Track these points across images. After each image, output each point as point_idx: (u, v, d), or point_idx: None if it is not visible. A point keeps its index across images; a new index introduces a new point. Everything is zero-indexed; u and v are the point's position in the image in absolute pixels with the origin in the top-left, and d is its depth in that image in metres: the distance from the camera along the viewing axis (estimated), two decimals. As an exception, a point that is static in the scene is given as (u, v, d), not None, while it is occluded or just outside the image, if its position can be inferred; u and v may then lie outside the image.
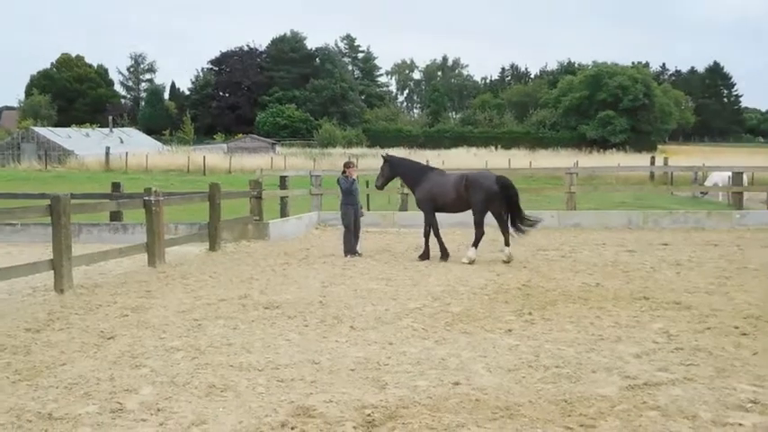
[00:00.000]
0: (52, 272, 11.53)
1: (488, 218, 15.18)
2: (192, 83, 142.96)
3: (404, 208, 23.94)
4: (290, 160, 69.27)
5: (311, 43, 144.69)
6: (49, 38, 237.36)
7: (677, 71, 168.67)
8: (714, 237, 19.08)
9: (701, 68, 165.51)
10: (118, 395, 6.52)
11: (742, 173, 26.33)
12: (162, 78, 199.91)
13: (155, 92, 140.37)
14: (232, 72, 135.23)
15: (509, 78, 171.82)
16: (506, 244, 15.06)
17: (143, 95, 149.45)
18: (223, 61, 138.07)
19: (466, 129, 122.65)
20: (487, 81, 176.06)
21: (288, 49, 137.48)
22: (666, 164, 50.79)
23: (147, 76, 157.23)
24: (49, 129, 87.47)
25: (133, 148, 77.14)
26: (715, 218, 22.13)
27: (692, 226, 21.50)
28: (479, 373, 7.09)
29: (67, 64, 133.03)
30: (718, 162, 55.59)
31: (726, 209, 25.22)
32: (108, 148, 69.62)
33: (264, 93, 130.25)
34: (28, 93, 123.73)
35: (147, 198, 14.55)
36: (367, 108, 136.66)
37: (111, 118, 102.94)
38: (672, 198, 35.77)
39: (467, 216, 15.91)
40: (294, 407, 6.19)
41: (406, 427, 5.73)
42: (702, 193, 36.12)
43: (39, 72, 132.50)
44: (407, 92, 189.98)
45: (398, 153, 79.76)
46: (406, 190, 24.12)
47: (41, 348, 8.11)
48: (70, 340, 8.47)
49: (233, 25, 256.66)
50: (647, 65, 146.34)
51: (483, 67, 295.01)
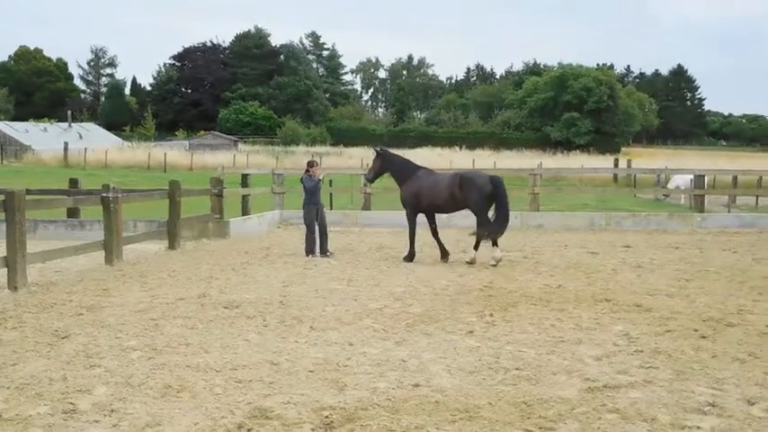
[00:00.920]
0: (5, 269, 11.28)
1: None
2: (154, 78, 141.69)
3: (366, 207, 23.86)
4: (253, 158, 68.88)
5: (275, 40, 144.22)
6: (7, 30, 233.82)
7: (641, 73, 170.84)
8: (675, 239, 19.25)
9: (664, 71, 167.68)
10: (71, 396, 6.38)
11: (704, 176, 26.63)
12: (123, 73, 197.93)
13: (115, 87, 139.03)
14: (195, 68, 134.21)
15: (474, 78, 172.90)
16: (475, 248, 14.88)
17: (103, 90, 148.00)
18: (186, 57, 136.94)
19: (431, 128, 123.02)
20: (453, 81, 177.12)
21: (252, 46, 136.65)
22: (630, 166, 51.29)
23: (108, 70, 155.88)
24: (6, 123, 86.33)
25: (93, 143, 76.29)
26: (677, 220, 22.37)
27: (653, 228, 21.70)
28: (439, 375, 7.04)
29: (26, 57, 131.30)
30: (681, 164, 56.39)
31: (688, 211, 25.48)
32: (66, 143, 68.72)
33: (227, 89, 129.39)
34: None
35: (105, 195, 14.31)
36: (331, 106, 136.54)
37: (70, 112, 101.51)
38: (635, 200, 36.09)
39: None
40: (251, 408, 6.08)
41: (364, 429, 5.66)
42: (665, 196, 36.50)
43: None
44: (372, 90, 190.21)
45: (362, 152, 79.72)
46: (369, 189, 24.11)
47: (-7, 347, 7.91)
48: (23, 339, 8.27)
49: (196, 20, 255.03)
50: (611, 67, 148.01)
51: (448, 66, 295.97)
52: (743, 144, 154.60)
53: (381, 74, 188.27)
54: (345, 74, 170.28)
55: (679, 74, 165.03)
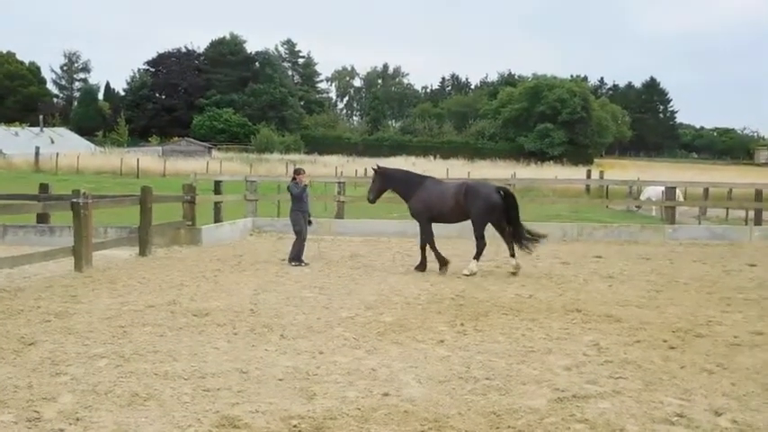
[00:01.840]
0: (-27, 274, 11.14)
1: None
2: (128, 83, 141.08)
3: (340, 215, 23.81)
4: (227, 165, 68.68)
5: (251, 47, 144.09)
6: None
7: (615, 85, 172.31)
8: (646, 250, 19.39)
9: (638, 84, 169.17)
10: (36, 403, 6.28)
11: (675, 188, 26.82)
12: (96, 78, 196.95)
13: (88, 91, 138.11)
14: (169, 74, 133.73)
15: (449, 88, 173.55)
16: (511, 255, 14.86)
17: (76, 95, 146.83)
18: (160, 62, 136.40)
19: (405, 137, 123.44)
20: (428, 90, 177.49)
21: (227, 52, 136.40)
22: (602, 177, 51.62)
23: (81, 75, 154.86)
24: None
25: (65, 148, 75.73)
26: (648, 232, 22.53)
27: (625, 239, 21.85)
28: (409, 385, 7.01)
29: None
30: (653, 176, 56.85)
31: (659, 223, 25.66)
32: (38, 147, 68.18)
33: (202, 95, 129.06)
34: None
35: (75, 200, 14.17)
36: (306, 114, 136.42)
37: (42, 117, 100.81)
38: (607, 211, 36.30)
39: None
40: (219, 417, 6.03)
41: (332, 440, 5.63)
42: (637, 207, 36.75)
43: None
44: (347, 99, 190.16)
45: (337, 160, 79.64)
46: (342, 197, 24.09)
47: (-43, 354, 7.79)
48: (-12, 346, 8.15)
49: (171, 26, 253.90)
50: (585, 78, 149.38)
51: (423, 76, 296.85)
52: (714, 157, 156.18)
53: (357, 82, 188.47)
54: (321, 82, 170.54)
55: (652, 86, 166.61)
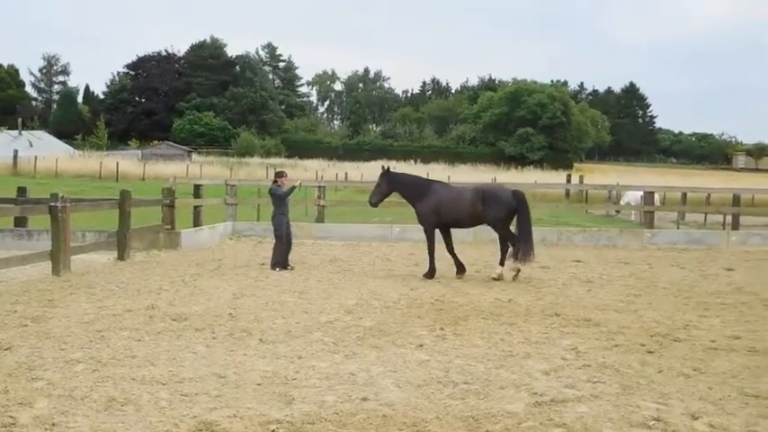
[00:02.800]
0: (-52, 278, 11.04)
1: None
2: (107, 87, 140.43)
3: (320, 219, 23.78)
4: (207, 169, 68.46)
5: (231, 51, 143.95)
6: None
7: (594, 91, 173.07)
8: (625, 255, 19.49)
9: (617, 89, 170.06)
10: (11, 409, 6.22)
11: (653, 192, 26.96)
12: (76, 81, 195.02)
13: (68, 95, 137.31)
14: (149, 77, 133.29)
15: (430, 93, 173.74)
16: (501, 263, 14.73)
17: (55, 98, 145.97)
18: (140, 66, 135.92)
19: (386, 142, 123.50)
20: (408, 94, 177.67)
21: (207, 56, 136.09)
22: (582, 182, 51.85)
23: (61, 78, 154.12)
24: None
25: (43, 151, 75.14)
26: (627, 236, 22.62)
27: (604, 244, 21.94)
28: (388, 389, 7.01)
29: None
30: (632, 181, 57.09)
31: (638, 227, 25.79)
32: (16, 151, 67.65)
33: (182, 99, 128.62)
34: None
35: (52, 204, 14.07)
36: (287, 118, 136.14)
37: (20, 120, 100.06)
38: (586, 216, 36.47)
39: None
40: (196, 422, 5.99)
41: (310, 445, 5.61)
42: (617, 212, 36.95)
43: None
44: (328, 103, 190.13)
45: (317, 165, 79.51)
46: (323, 201, 24.06)
47: (-69, 359, 7.71)
48: (-37, 351, 8.07)
49: (151, 29, 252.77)
50: (565, 83, 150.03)
51: (404, 80, 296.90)
52: (692, 162, 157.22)
53: (337, 86, 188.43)
54: (301, 86, 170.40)
55: (631, 92, 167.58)
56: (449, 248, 15.14)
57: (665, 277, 15.31)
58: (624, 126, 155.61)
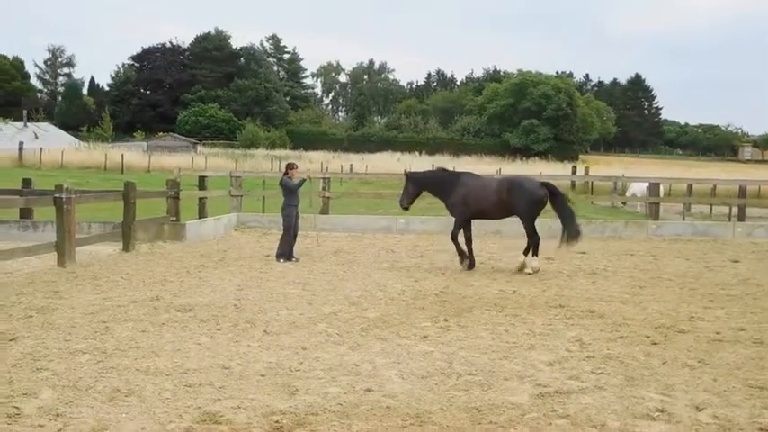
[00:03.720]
0: (-46, 270, 11.06)
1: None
2: (112, 78, 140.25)
3: (325, 211, 23.78)
4: (212, 161, 68.45)
5: (236, 42, 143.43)
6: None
7: (600, 82, 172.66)
8: (630, 246, 19.47)
9: (623, 80, 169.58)
10: (16, 399, 6.25)
11: (659, 184, 26.90)
12: (81, 73, 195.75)
13: (73, 87, 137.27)
14: (154, 69, 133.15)
15: (435, 84, 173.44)
16: (525, 253, 14.66)
17: (60, 90, 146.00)
18: (144, 57, 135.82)
19: (391, 133, 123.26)
20: (413, 86, 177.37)
21: (212, 48, 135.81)
22: (587, 173, 51.72)
23: (66, 70, 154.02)
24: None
25: (49, 143, 75.14)
26: (632, 228, 22.58)
27: (609, 235, 21.91)
28: (392, 380, 7.01)
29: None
30: (638, 173, 57.04)
31: (643, 219, 25.76)
32: (22, 143, 67.64)
33: (187, 91, 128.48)
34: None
35: (57, 195, 14.09)
36: (291, 110, 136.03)
37: (25, 112, 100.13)
38: (592, 207, 36.39)
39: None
40: (200, 413, 6.01)
41: (314, 435, 5.62)
42: (623, 203, 36.89)
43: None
44: (333, 95, 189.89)
45: (322, 156, 79.50)
46: (327, 193, 24.07)
47: (-64, 350, 7.74)
48: (-32, 341, 8.09)
49: (155, 21, 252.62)
50: (570, 75, 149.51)
51: (409, 72, 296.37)
52: (698, 153, 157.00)
53: (342, 78, 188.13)
54: (306, 77, 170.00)
55: (637, 83, 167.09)
56: (467, 240, 15.02)
57: (669, 269, 15.29)
58: (630, 118, 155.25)
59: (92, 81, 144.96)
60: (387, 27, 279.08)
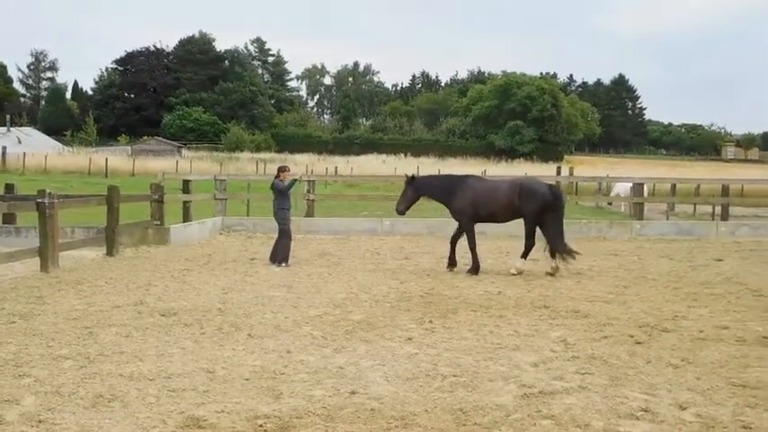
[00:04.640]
0: (-65, 276, 10.97)
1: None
2: (96, 83, 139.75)
3: (310, 214, 23.73)
4: (197, 164, 68.36)
5: (220, 45, 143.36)
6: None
7: (584, 83, 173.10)
8: (615, 246, 19.54)
9: (606, 81, 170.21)
10: (-3, 406, 6.20)
11: (643, 184, 26.99)
12: (64, 77, 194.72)
13: (56, 91, 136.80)
14: (138, 72, 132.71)
15: (419, 86, 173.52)
16: (552, 256, 14.48)
17: (44, 94, 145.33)
18: (128, 61, 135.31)
19: (376, 135, 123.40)
20: (398, 88, 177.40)
21: (196, 51, 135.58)
22: (572, 174, 51.87)
23: (49, 74, 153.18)
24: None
25: (32, 148, 74.93)
26: (616, 228, 22.65)
27: (594, 235, 21.99)
28: (377, 383, 7.00)
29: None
30: (622, 173, 57.24)
31: (627, 219, 25.84)
32: (5, 147, 67.36)
33: (171, 94, 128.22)
34: None
35: (40, 200, 14.00)
36: (276, 112, 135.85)
37: (8, 117, 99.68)
38: (576, 207, 36.47)
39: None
40: (184, 417, 5.98)
41: (298, 439, 5.60)
42: (609, 203, 37.03)
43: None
44: (318, 97, 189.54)
45: (307, 159, 79.43)
46: (312, 196, 24.00)
47: None
48: (-50, 348, 8.03)
49: (139, 25, 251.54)
50: (554, 76, 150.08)
51: (394, 74, 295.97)
52: (682, 153, 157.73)
53: (327, 80, 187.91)
54: (291, 80, 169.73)
55: (620, 83, 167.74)
56: (454, 239, 15.00)
57: (654, 268, 15.35)
58: (614, 118, 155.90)
59: (75, 85, 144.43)
60: (372, 29, 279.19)
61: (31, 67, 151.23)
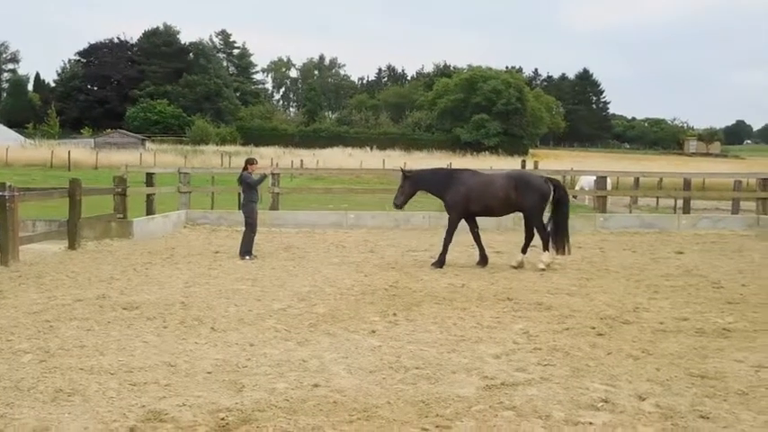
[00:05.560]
0: None
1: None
2: (59, 75, 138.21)
3: (275, 207, 23.64)
4: (161, 157, 67.84)
5: (185, 38, 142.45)
6: None
7: (549, 77, 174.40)
8: (578, 239, 19.60)
9: (571, 75, 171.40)
10: (-45, 401, 6.11)
11: (606, 177, 27.24)
12: (26, 69, 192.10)
13: (18, 83, 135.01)
14: (101, 65, 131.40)
15: (385, 79, 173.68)
16: (523, 251, 14.65)
17: (5, 86, 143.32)
18: (92, 53, 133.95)
19: (342, 128, 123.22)
20: (364, 81, 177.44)
21: (160, 43, 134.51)
22: (537, 167, 52.07)
23: (10, 66, 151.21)
24: None
25: (-7, 141, 73.79)
26: (580, 221, 22.80)
27: (557, 228, 22.08)
28: (340, 375, 7.00)
29: None
30: (586, 166, 57.68)
31: (591, 212, 26.06)
32: (-35, 140, 66.36)
33: (135, 87, 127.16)
34: None
35: (0, 193, 13.82)
36: (242, 105, 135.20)
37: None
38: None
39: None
40: (145, 411, 5.93)
41: (260, 431, 5.58)
42: (574, 197, 37.28)
43: None
44: (283, 90, 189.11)
45: (273, 152, 79.02)
46: (277, 189, 23.92)
47: None
48: None
49: (103, 17, 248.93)
50: (520, 70, 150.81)
51: (360, 67, 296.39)
52: (645, 147, 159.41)
53: (293, 73, 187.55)
54: (256, 73, 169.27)
55: (585, 78, 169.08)
56: (476, 237, 15.01)
57: (616, 261, 15.50)
58: (578, 112, 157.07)
59: (37, 77, 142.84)
60: (337, 22, 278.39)
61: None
